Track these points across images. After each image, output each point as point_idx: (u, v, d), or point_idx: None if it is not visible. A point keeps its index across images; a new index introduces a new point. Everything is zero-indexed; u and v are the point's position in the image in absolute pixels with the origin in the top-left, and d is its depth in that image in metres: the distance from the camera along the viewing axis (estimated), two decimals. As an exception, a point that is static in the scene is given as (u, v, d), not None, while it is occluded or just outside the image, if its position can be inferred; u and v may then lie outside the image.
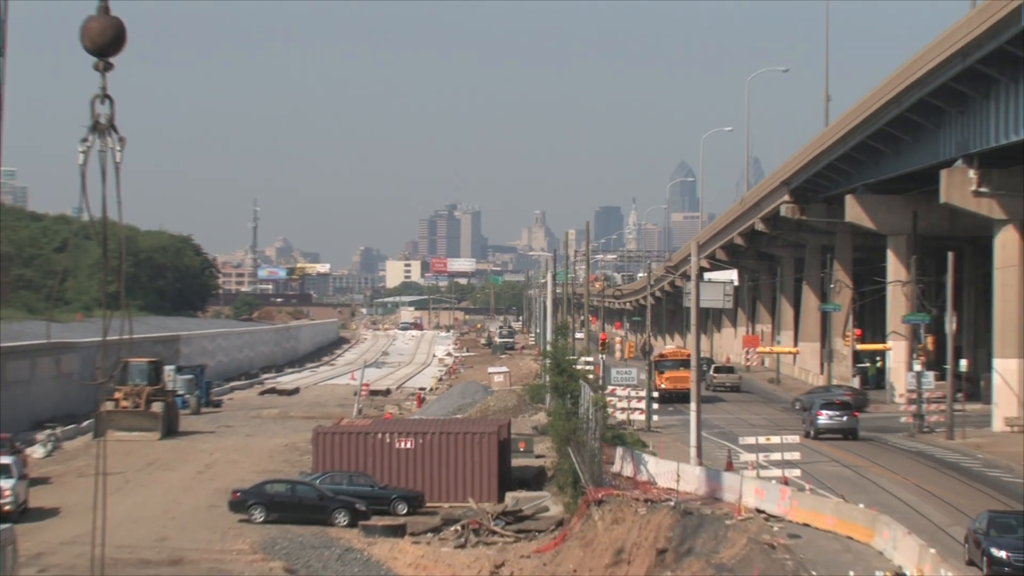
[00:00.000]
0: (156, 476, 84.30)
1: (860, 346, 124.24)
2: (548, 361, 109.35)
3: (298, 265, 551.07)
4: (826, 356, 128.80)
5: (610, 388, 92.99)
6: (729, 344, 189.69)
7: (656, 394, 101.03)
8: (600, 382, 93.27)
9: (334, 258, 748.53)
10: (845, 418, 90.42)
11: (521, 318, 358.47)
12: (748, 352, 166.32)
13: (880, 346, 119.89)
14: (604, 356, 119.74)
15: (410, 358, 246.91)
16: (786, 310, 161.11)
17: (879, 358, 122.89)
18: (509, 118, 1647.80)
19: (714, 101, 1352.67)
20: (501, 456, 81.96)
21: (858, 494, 63.65)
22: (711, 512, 61.74)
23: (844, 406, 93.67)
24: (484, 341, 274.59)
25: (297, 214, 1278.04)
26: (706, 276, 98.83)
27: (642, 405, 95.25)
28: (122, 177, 36.28)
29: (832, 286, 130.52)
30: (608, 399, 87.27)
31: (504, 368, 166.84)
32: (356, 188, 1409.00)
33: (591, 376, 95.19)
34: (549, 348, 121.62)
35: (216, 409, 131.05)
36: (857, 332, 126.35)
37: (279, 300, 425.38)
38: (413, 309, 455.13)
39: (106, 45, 36.88)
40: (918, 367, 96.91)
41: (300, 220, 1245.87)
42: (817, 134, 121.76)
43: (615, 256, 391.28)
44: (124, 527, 62.57)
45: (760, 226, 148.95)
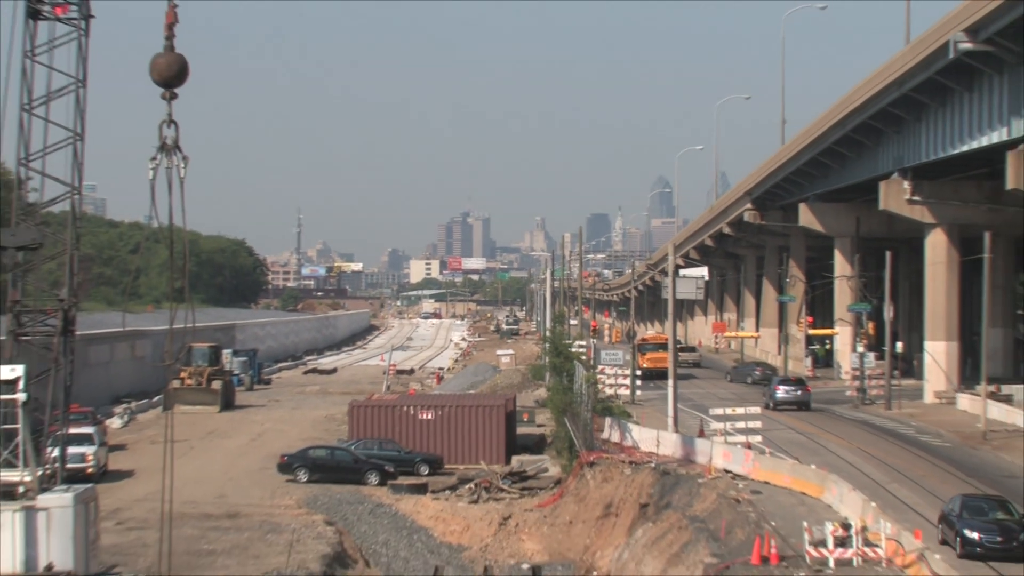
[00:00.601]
0: (215, 443, 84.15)
1: (812, 331, 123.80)
2: (547, 345, 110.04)
3: (335, 264, 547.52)
4: (783, 340, 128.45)
5: (600, 367, 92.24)
6: (701, 330, 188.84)
7: (639, 372, 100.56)
8: (591, 362, 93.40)
9: (366, 258, 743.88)
10: (799, 392, 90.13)
11: (524, 309, 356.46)
12: (717, 336, 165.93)
13: (829, 331, 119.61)
14: (595, 340, 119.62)
15: (430, 343, 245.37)
16: (749, 301, 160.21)
17: (828, 341, 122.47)
18: (514, 138, 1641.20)
19: (688, 123, 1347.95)
20: (508, 425, 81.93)
21: (810, 456, 63.44)
22: (686, 472, 61.67)
23: (799, 382, 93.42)
24: (493, 328, 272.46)
25: (334, 220, 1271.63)
26: (681, 272, 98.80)
27: (627, 382, 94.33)
28: (185, 189, 37.42)
29: (788, 280, 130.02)
30: (598, 376, 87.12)
31: (510, 351, 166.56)
32: (384, 198, 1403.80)
33: (584, 357, 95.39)
34: (548, 334, 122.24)
35: (266, 386, 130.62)
36: (809, 319, 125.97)
37: (319, 294, 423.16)
38: (433, 301, 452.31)
39: (171, 77, 38.05)
40: (861, 349, 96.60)
41: (337, 226, 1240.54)
42: (775, 152, 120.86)
43: (604, 256, 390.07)
44: (188, 486, 62.11)
45: (727, 230, 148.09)
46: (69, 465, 41.36)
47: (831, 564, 42.92)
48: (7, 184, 37.26)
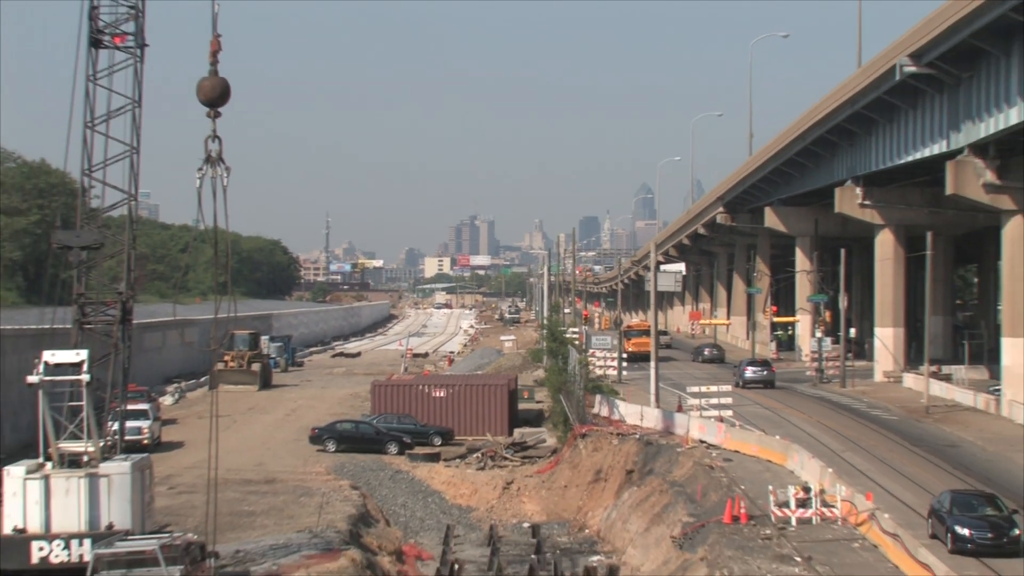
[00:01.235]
0: (255, 418, 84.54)
1: (776, 319, 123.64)
2: (545, 331, 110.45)
3: (359, 261, 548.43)
4: (750, 326, 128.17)
5: (591, 351, 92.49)
6: (679, 318, 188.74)
7: (625, 355, 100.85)
8: (583, 346, 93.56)
9: (386, 255, 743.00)
10: (765, 372, 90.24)
11: (525, 300, 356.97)
12: (693, 324, 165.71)
13: (791, 319, 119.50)
14: (586, 327, 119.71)
15: (443, 330, 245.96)
16: (721, 292, 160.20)
17: (790, 328, 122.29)
18: (515, 150, 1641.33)
19: (668, 136, 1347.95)
20: (510, 402, 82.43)
21: (775, 429, 63.68)
22: (666, 443, 61.89)
23: (764, 363, 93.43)
24: (497, 317, 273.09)
25: (359, 223, 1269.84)
26: (662, 267, 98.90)
27: (614, 363, 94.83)
28: (228, 195, 37.37)
29: (755, 274, 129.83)
30: (589, 359, 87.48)
31: (512, 337, 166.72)
32: (402, 202, 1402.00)
33: (577, 342, 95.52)
34: (546, 322, 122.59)
35: (299, 368, 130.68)
36: (774, 308, 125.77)
37: (345, 287, 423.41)
38: (445, 293, 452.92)
39: (215, 98, 37.96)
40: (819, 334, 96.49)
41: (361, 227, 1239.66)
42: (744, 162, 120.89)
43: (594, 253, 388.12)
44: (231, 456, 63.11)
45: (702, 230, 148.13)
46: (127, 437, 41.14)
47: (793, 523, 43.06)
48: (73, 192, 37.15)
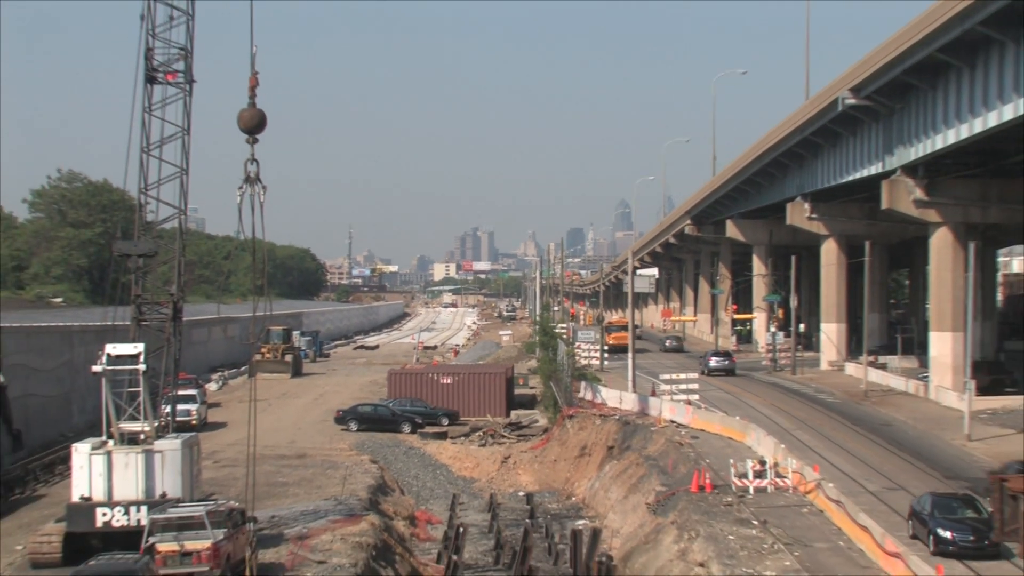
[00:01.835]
0: (287, 402, 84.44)
1: (736, 316, 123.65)
2: (537, 327, 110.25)
3: (377, 267, 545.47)
4: (714, 322, 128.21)
5: (577, 344, 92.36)
6: (653, 316, 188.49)
7: (606, 347, 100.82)
8: (571, 340, 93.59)
9: (400, 262, 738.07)
10: (727, 362, 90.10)
11: (520, 300, 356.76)
12: (665, 320, 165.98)
13: (749, 316, 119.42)
14: (573, 323, 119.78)
15: (449, 326, 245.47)
16: (689, 293, 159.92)
17: (748, 323, 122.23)
18: (512, 169, 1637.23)
19: (643, 158, 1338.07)
20: (507, 388, 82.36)
21: (735, 410, 63.73)
22: (642, 422, 62.05)
23: (726, 354, 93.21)
24: (496, 315, 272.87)
25: (377, 233, 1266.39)
26: (638, 272, 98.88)
27: (597, 354, 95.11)
28: (264, 210, 37.40)
29: (718, 278, 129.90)
30: (576, 350, 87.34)
31: (509, 332, 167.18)
32: (415, 215, 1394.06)
33: (565, 336, 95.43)
34: (538, 319, 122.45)
35: (326, 359, 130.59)
36: (734, 307, 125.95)
37: (365, 289, 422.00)
38: (451, 294, 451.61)
39: (253, 127, 38.00)
40: (773, 329, 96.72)
41: (379, 237, 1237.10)
42: (708, 181, 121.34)
43: (580, 260, 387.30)
44: (267, 434, 62.85)
45: (672, 240, 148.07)
46: (178, 418, 41.15)
47: (751, 491, 43.16)
48: (131, 207, 37.25)
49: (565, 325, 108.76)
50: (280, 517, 42.54)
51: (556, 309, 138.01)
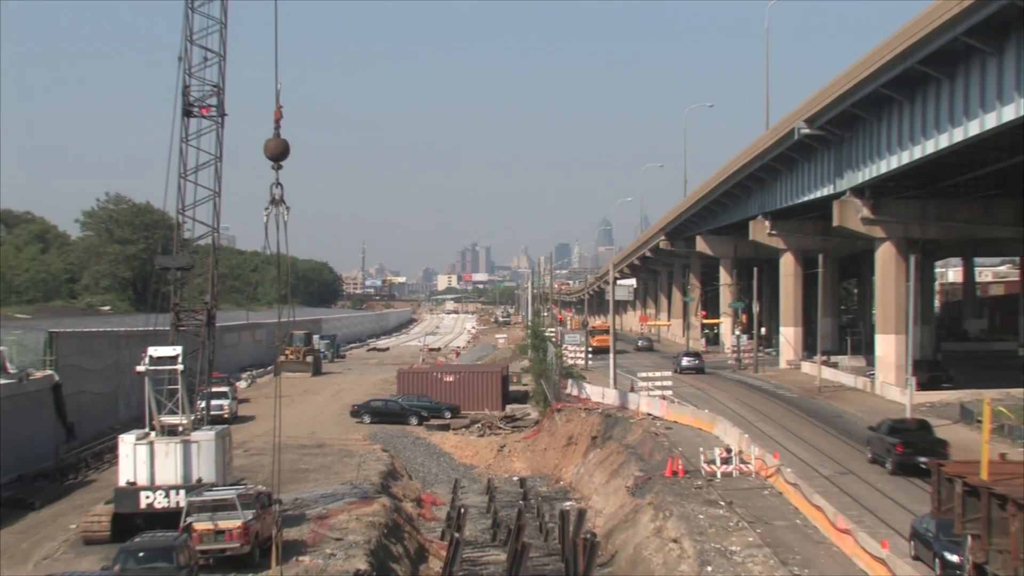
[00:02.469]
0: (308, 398, 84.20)
1: (705, 320, 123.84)
2: (530, 331, 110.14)
3: (387, 278, 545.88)
4: (686, 326, 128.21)
5: (564, 345, 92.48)
6: (632, 321, 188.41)
7: (590, 349, 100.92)
8: (559, 342, 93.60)
9: (408, 273, 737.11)
10: (697, 361, 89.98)
11: (514, 307, 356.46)
12: (642, 325, 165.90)
13: (716, 320, 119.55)
14: (561, 328, 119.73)
15: (451, 330, 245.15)
16: (663, 300, 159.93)
17: (716, 327, 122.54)
18: (507, 191, 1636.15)
19: (622, 181, 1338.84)
20: (503, 385, 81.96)
21: (704, 404, 63.73)
22: (622, 415, 61.93)
23: (696, 355, 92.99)
24: (493, 320, 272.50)
25: (387, 247, 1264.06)
26: (618, 282, 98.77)
27: (582, 355, 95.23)
28: (288, 228, 37.36)
29: (689, 287, 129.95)
30: (563, 351, 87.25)
31: (504, 335, 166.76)
32: (420, 231, 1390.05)
33: (553, 339, 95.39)
34: (530, 324, 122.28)
35: (342, 360, 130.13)
36: (703, 313, 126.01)
37: (377, 298, 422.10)
38: (453, 302, 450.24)
39: (278, 155, 37.88)
40: (737, 332, 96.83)
41: (388, 251, 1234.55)
42: (680, 201, 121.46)
43: (567, 272, 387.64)
44: (291, 426, 62.52)
45: (648, 253, 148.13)
46: (212, 412, 41.18)
47: (718, 476, 43.05)
48: (170, 226, 37.07)
49: (554, 329, 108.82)
50: (302, 499, 42.34)
51: (546, 315, 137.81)
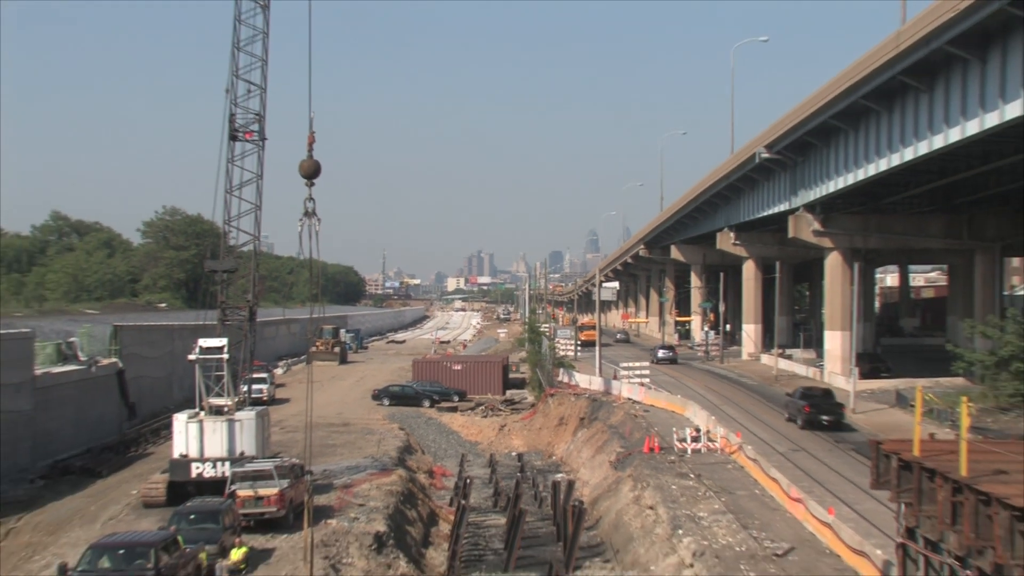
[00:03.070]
0: (336, 383, 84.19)
1: (678, 318, 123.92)
2: (527, 326, 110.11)
3: (404, 280, 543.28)
4: (661, 323, 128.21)
5: (557, 339, 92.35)
6: (615, 318, 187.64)
7: (579, 342, 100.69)
8: (552, 336, 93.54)
9: (422, 276, 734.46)
10: (671, 353, 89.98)
11: (514, 306, 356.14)
12: (624, 322, 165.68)
13: (688, 318, 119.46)
14: (554, 324, 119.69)
15: (459, 326, 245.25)
16: (642, 301, 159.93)
17: (687, 324, 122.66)
18: (508, 204, 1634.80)
19: (607, 197, 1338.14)
20: (504, 373, 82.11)
21: (677, 390, 63.78)
22: (606, 400, 62.02)
23: (670, 348, 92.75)
24: (495, 317, 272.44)
25: (404, 253, 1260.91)
26: (604, 285, 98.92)
27: (572, 347, 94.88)
28: (320, 237, 37.43)
29: (664, 289, 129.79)
30: (556, 344, 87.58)
31: (505, 330, 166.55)
32: (432, 240, 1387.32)
33: (547, 333, 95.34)
34: (527, 320, 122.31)
35: (365, 350, 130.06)
36: (676, 311, 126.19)
37: (395, 298, 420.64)
38: (461, 301, 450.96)
39: (311, 174, 37.95)
40: (706, 328, 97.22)
41: (405, 256, 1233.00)
42: (657, 215, 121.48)
43: (559, 275, 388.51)
44: (321, 407, 63.00)
45: (630, 260, 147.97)
46: (253, 395, 41.27)
47: (689, 452, 43.13)
48: (218, 235, 37.18)
49: (548, 325, 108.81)
50: (330, 471, 42.45)
51: (541, 313, 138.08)
